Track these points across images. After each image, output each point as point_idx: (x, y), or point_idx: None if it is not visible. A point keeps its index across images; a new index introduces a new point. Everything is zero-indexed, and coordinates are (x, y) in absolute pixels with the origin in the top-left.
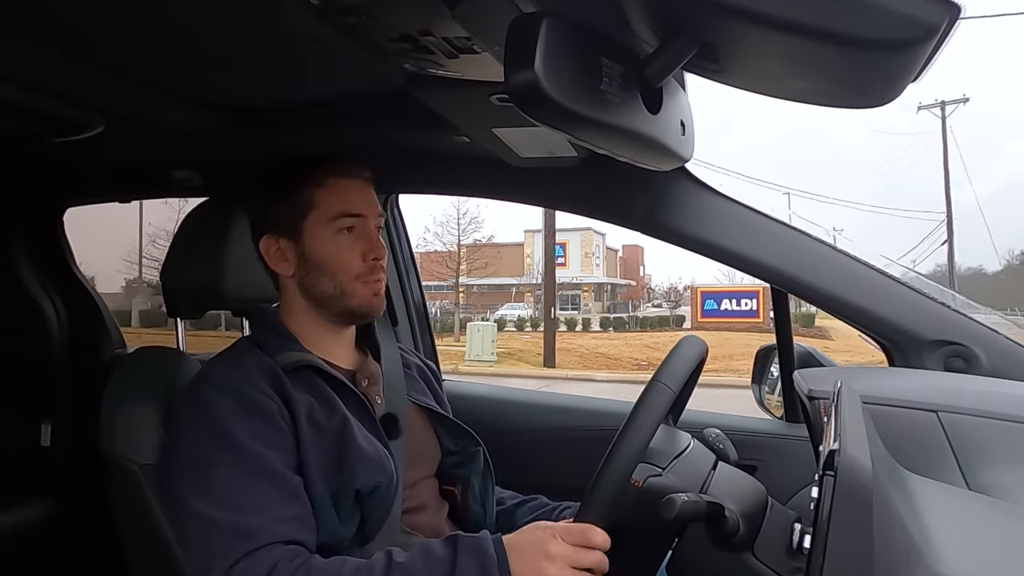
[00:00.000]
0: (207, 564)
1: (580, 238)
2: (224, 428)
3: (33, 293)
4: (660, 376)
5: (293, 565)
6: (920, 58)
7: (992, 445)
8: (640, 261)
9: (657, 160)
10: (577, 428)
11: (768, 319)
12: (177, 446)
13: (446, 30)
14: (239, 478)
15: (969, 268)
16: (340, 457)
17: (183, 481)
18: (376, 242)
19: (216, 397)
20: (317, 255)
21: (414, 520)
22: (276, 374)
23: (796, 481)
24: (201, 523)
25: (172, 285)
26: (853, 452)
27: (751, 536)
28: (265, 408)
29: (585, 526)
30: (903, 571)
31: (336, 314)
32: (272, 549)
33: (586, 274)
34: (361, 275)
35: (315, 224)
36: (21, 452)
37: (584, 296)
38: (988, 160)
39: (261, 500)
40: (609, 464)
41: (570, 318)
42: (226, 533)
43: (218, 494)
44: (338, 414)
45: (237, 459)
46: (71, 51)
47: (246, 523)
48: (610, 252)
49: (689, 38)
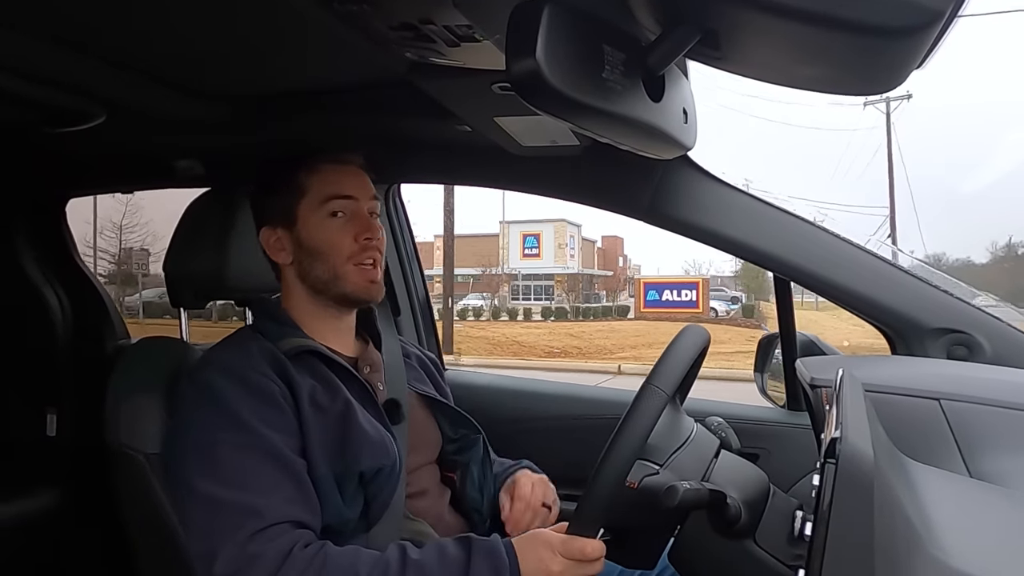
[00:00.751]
0: (214, 544)
1: (553, 229)
2: (229, 409)
3: (36, 283)
4: (653, 379)
5: (308, 552)
6: (925, 44)
7: (994, 433)
8: (620, 252)
9: (659, 148)
10: (579, 417)
11: (707, 309)
12: (181, 429)
13: (447, 18)
14: (245, 458)
15: (958, 260)
16: (343, 439)
17: (188, 463)
18: (368, 222)
19: (220, 380)
20: (311, 240)
21: (416, 506)
22: (278, 358)
23: (798, 469)
24: (208, 503)
25: (175, 275)
26: (855, 440)
27: (753, 524)
28: (268, 390)
29: (582, 543)
30: (904, 558)
31: (333, 299)
32: (283, 530)
33: (559, 265)
34: (353, 255)
35: (307, 209)
36: (26, 442)
37: (557, 286)
38: (988, 151)
39: (268, 480)
40: (600, 473)
41: (513, 309)
42: (234, 512)
43: (225, 474)
44: (341, 397)
45: (243, 439)
46: (71, 41)
47: (253, 502)
48: (587, 243)
49: (692, 25)
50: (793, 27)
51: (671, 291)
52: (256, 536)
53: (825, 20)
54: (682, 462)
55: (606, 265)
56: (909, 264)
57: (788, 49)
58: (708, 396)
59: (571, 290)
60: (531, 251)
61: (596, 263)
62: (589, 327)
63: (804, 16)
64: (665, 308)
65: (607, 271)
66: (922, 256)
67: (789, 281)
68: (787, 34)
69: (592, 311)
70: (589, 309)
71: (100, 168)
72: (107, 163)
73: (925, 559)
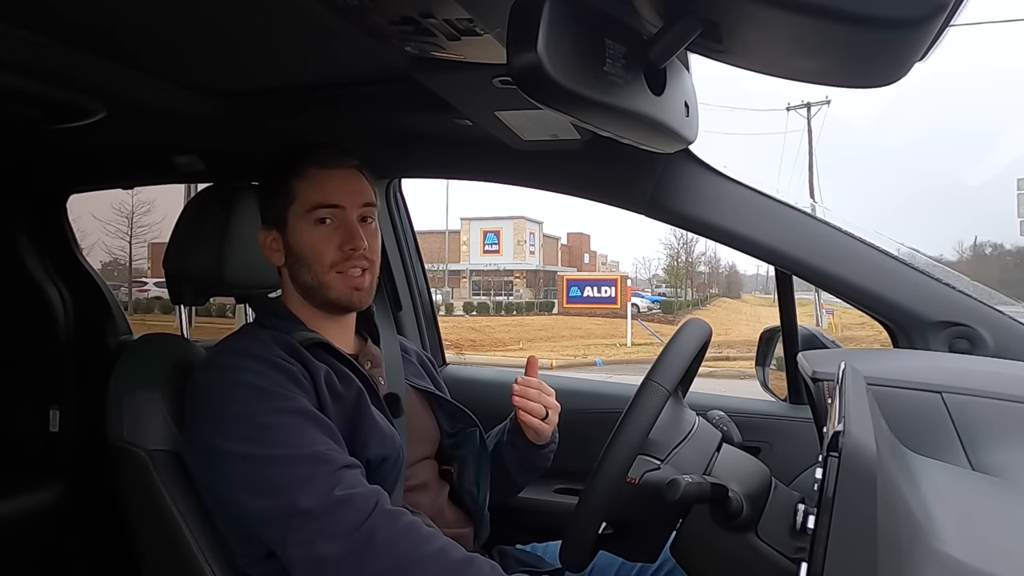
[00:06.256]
0: (294, 496)
1: (513, 226)
2: (253, 384)
3: (39, 280)
4: (654, 374)
5: (393, 511)
6: (928, 36)
7: (996, 425)
8: (585, 249)
9: (661, 142)
10: (580, 411)
11: (626, 305)
12: (207, 410)
13: (448, 12)
14: (284, 419)
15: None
16: (355, 427)
17: (228, 437)
18: (354, 232)
19: (239, 361)
20: (298, 246)
21: (415, 499)
22: (293, 346)
23: (800, 462)
24: (265, 463)
25: (175, 272)
26: (858, 433)
27: (755, 517)
28: (288, 369)
29: None
30: (906, 551)
31: (320, 305)
32: (358, 470)
33: (518, 261)
34: (336, 264)
35: (295, 216)
36: (30, 437)
37: (516, 282)
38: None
39: (311, 434)
40: (601, 470)
41: (445, 303)
42: (302, 463)
43: (270, 436)
44: (354, 386)
45: (275, 405)
46: (71, 37)
47: (312, 451)
48: (549, 240)
49: (693, 18)
50: (796, 19)
51: (592, 288)
52: (340, 472)
53: (829, 12)
54: (684, 456)
55: (571, 262)
56: (910, 257)
57: (790, 42)
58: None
59: (531, 286)
60: (491, 247)
61: (560, 260)
62: (497, 322)
63: (807, 8)
64: (586, 304)
65: (571, 267)
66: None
67: (791, 275)
68: (789, 27)
69: (515, 306)
70: (512, 304)
71: (101, 164)
72: (108, 159)
73: (927, 551)
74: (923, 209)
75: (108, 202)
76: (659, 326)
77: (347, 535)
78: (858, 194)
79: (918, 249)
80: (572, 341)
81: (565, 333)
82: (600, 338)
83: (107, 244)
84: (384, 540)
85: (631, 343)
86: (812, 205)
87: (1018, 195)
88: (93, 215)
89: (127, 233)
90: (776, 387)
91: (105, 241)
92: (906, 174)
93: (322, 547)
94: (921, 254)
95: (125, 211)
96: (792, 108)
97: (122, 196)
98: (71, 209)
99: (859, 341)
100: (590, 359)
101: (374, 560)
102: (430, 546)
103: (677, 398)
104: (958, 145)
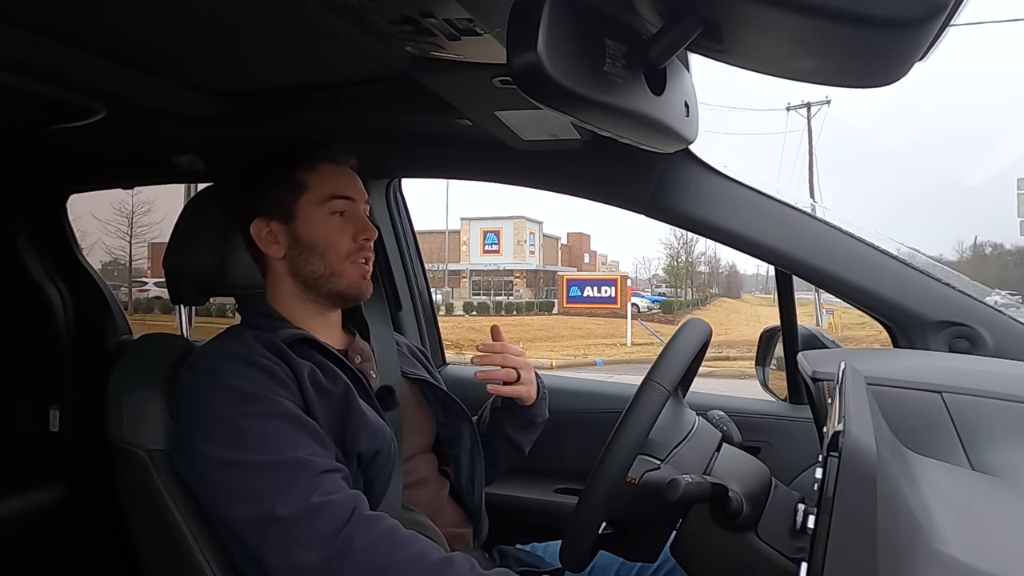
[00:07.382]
0: (272, 505)
1: (513, 226)
2: (236, 387)
3: (39, 280)
4: (654, 374)
5: (372, 514)
6: (928, 36)
7: (996, 425)
8: (585, 249)
9: (661, 142)
10: (580, 411)
11: (626, 305)
12: (192, 414)
13: (447, 11)
14: (267, 423)
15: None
16: (344, 421)
17: (210, 442)
18: (365, 223)
19: (223, 363)
20: (309, 235)
21: (415, 496)
22: (276, 344)
23: (800, 462)
24: (247, 470)
25: (174, 272)
26: (858, 433)
27: (755, 517)
28: (271, 369)
29: None
30: (906, 551)
31: (324, 295)
32: (334, 479)
33: (519, 261)
34: (351, 254)
35: (307, 206)
36: (30, 437)
37: (516, 282)
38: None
39: (294, 439)
40: (601, 471)
41: (445, 303)
42: (280, 469)
43: (252, 441)
44: (341, 381)
45: (257, 409)
46: (71, 37)
47: (291, 457)
48: (550, 240)
49: (693, 18)
50: (796, 19)
51: (592, 288)
52: (320, 478)
53: (829, 12)
54: (684, 456)
55: (571, 262)
56: (910, 257)
57: (790, 42)
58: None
59: (531, 285)
60: (491, 247)
61: (560, 260)
62: (497, 322)
63: (807, 8)
64: (586, 304)
65: (571, 267)
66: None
67: (791, 275)
68: (790, 27)
69: (515, 306)
70: (512, 304)
71: (101, 164)
72: (108, 159)
73: (927, 551)
74: (923, 209)
75: (108, 202)
76: (659, 326)
77: (325, 543)
78: (858, 194)
79: (918, 249)
80: (572, 341)
81: (565, 333)
82: (600, 338)
83: (107, 244)
84: (362, 546)
85: (631, 343)
86: (812, 205)
87: (1018, 195)
88: (93, 215)
89: (127, 233)
90: (776, 387)
91: (105, 241)
92: (906, 174)
93: (300, 555)
94: (921, 254)
95: (125, 211)
96: (792, 108)
97: (122, 196)
98: (71, 209)
99: (859, 341)
100: (590, 359)
101: (353, 566)
102: (408, 550)
103: (677, 398)
104: (958, 145)
